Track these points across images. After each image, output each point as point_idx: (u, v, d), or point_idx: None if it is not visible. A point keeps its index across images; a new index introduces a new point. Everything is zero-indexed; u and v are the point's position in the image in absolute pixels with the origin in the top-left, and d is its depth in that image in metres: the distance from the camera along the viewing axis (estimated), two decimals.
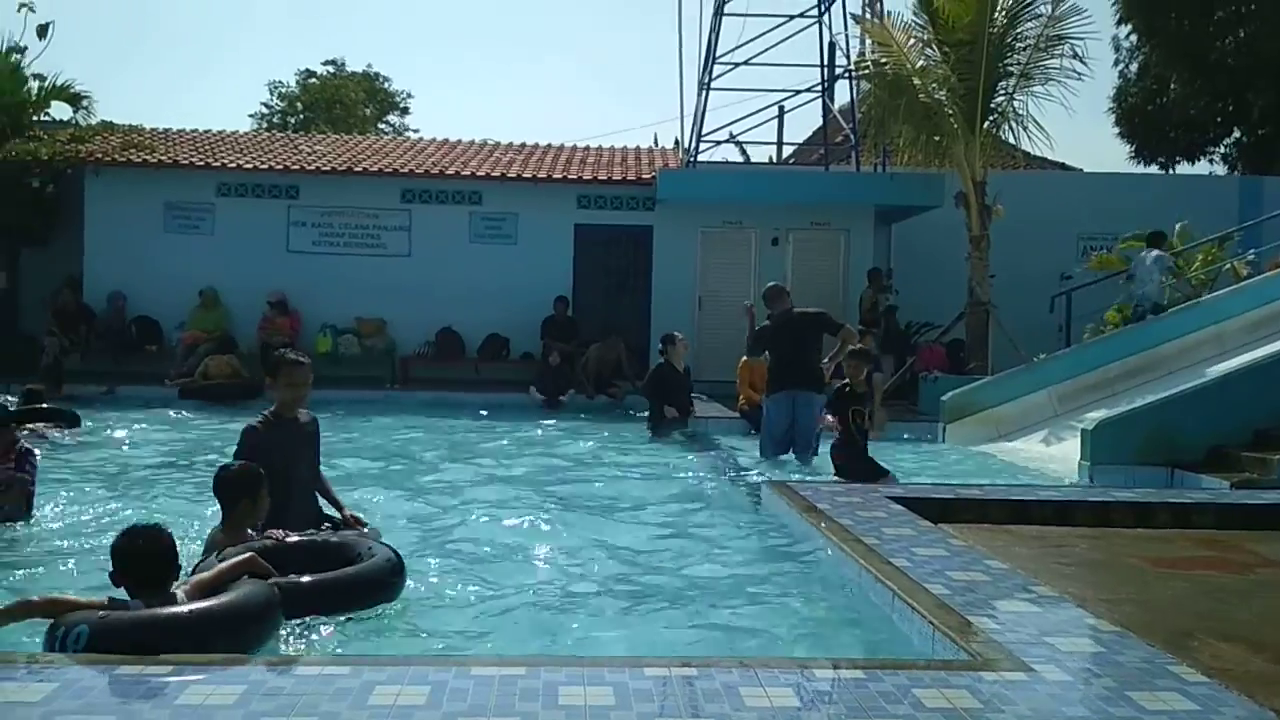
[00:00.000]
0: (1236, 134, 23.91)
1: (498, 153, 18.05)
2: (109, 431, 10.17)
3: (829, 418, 8.15)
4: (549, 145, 19.00)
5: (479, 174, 16.12)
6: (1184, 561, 5.66)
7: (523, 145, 18.88)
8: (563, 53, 67.07)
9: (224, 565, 4.07)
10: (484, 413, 12.41)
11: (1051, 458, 9.35)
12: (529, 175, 16.18)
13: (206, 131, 18.74)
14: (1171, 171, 23.79)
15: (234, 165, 15.93)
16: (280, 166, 16.02)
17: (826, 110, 17.48)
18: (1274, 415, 8.19)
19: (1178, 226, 13.62)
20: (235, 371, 13.52)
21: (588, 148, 19.19)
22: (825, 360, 9.09)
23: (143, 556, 3.76)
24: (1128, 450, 8.19)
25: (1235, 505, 6.71)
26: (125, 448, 9.53)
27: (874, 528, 5.58)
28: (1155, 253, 12.50)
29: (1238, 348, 10.53)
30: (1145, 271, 12.31)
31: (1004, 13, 13.58)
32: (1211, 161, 24.43)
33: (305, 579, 4.23)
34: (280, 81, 38.81)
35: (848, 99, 16.90)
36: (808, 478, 7.84)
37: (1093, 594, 4.68)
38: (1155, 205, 15.07)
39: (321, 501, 5.68)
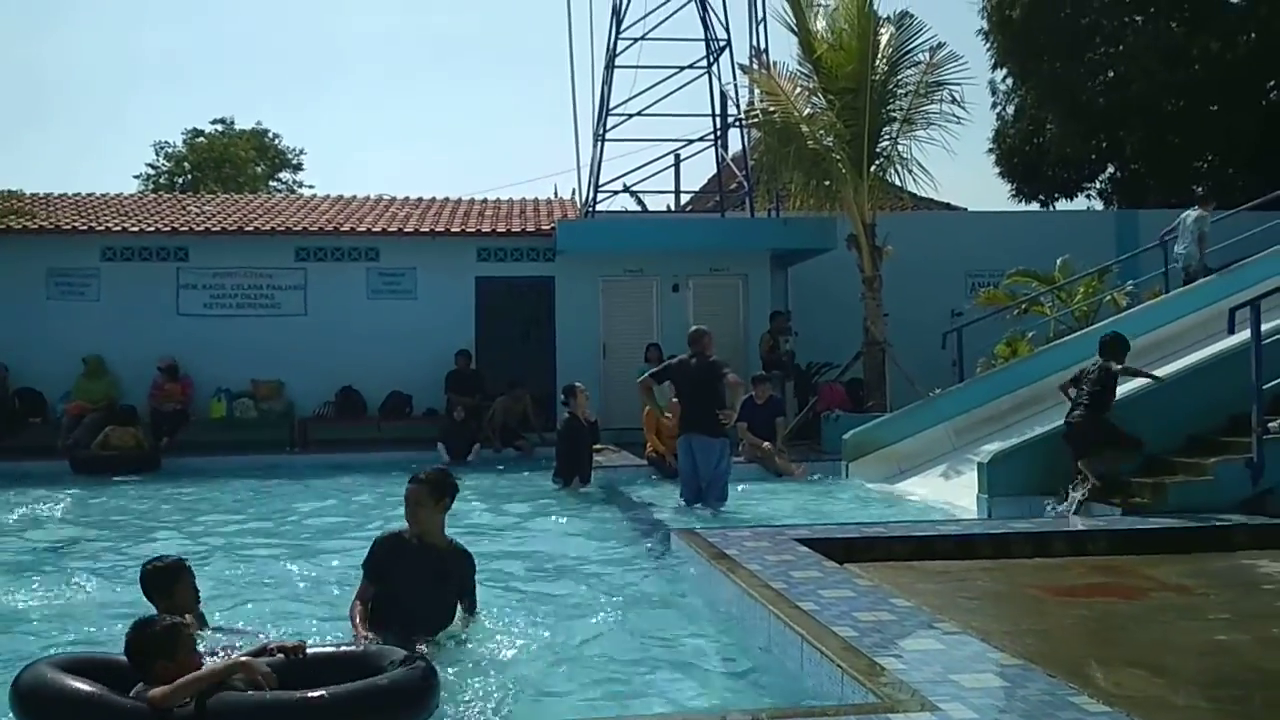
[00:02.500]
0: (1111, 170, 25.02)
1: (394, 207, 17.90)
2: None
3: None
4: (447, 199, 18.92)
5: (375, 230, 15.96)
6: (1082, 589, 5.82)
7: (420, 199, 18.76)
8: (459, 107, 67.13)
9: (213, 669, 3.76)
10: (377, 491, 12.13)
11: (952, 491, 9.54)
12: (427, 229, 16.07)
13: (90, 195, 18.19)
14: (1051, 208, 24.78)
15: (119, 229, 15.46)
16: (168, 228, 15.62)
17: (720, 158, 17.80)
18: (1160, 440, 8.49)
19: (1059, 261, 14.15)
20: (139, 443, 13.07)
21: (486, 200, 19.17)
22: (729, 408, 9.18)
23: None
24: (1023, 481, 8.40)
25: (1127, 530, 6.95)
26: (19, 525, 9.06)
27: (782, 571, 5.61)
28: (1196, 212, 13.12)
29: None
30: (1185, 231, 12.94)
31: (885, 61, 14.06)
32: (1088, 198, 25.56)
33: (314, 693, 3.66)
34: (166, 141, 37.98)
35: (740, 147, 17.23)
36: (715, 525, 7.83)
37: (995, 627, 4.77)
38: (1037, 241, 15.65)
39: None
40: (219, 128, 38.47)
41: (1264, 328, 8.14)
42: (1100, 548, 6.73)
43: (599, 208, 16.95)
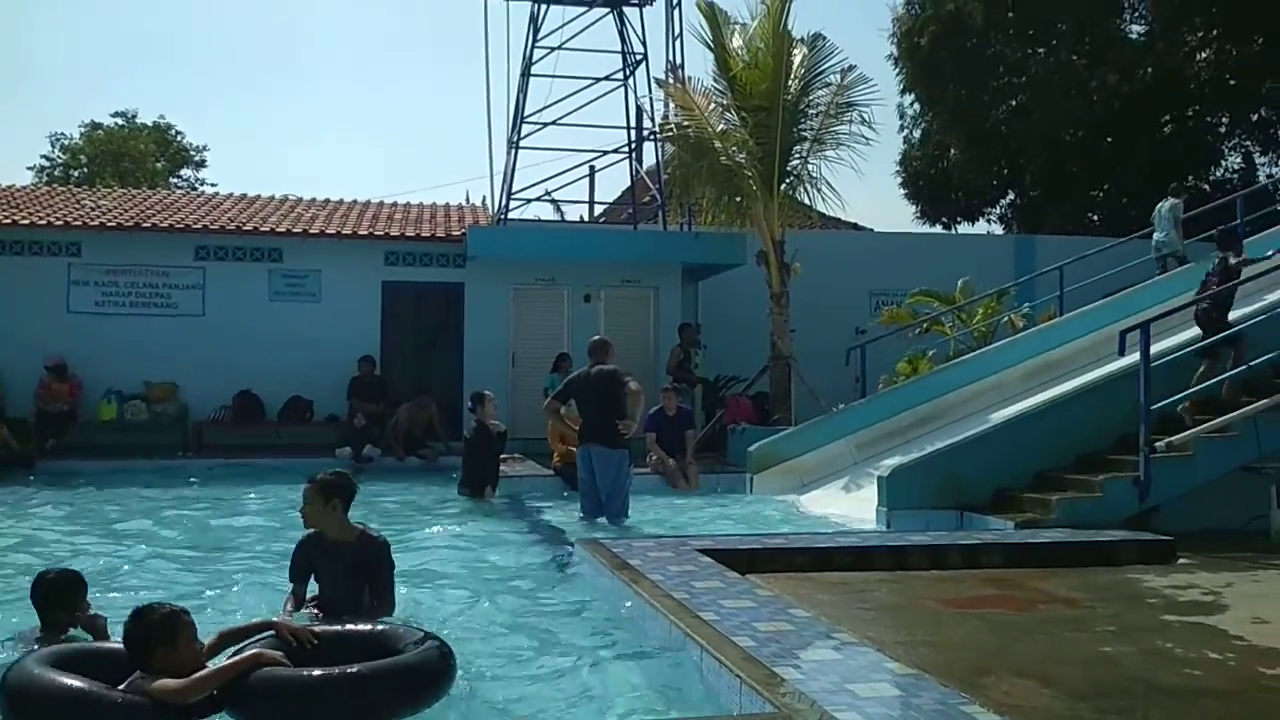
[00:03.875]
0: (1011, 196, 25.83)
1: (300, 208, 17.53)
2: None
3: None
4: (355, 201, 18.60)
5: (279, 230, 15.60)
6: (975, 600, 5.95)
7: (327, 201, 18.41)
8: (370, 109, 66.23)
9: (225, 664, 3.72)
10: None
11: (853, 504, 9.68)
12: (333, 231, 15.77)
13: None
14: (954, 231, 25.47)
15: (9, 221, 14.82)
16: (60, 222, 15.02)
17: (634, 171, 17.85)
18: (1052, 458, 8.74)
19: (960, 282, 14.53)
20: (4, 443, 12.47)
21: (395, 204, 18.90)
22: (630, 419, 9.11)
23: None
24: (921, 495, 8.56)
25: (1019, 544, 7.12)
26: None
27: (684, 582, 5.61)
28: (1170, 201, 13.79)
29: (1017, 395, 11.24)
30: (1162, 220, 13.60)
31: (797, 81, 14.26)
32: (989, 221, 26.35)
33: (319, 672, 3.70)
34: (62, 133, 36.64)
35: (655, 160, 17.33)
36: (619, 535, 7.80)
37: (891, 637, 4.83)
38: (940, 263, 16.06)
39: None
40: (119, 121, 37.27)
41: (1152, 350, 8.47)
42: (994, 560, 6.89)
43: (512, 215, 16.85)
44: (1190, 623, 5.30)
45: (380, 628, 4.27)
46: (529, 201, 17.48)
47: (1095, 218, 23.69)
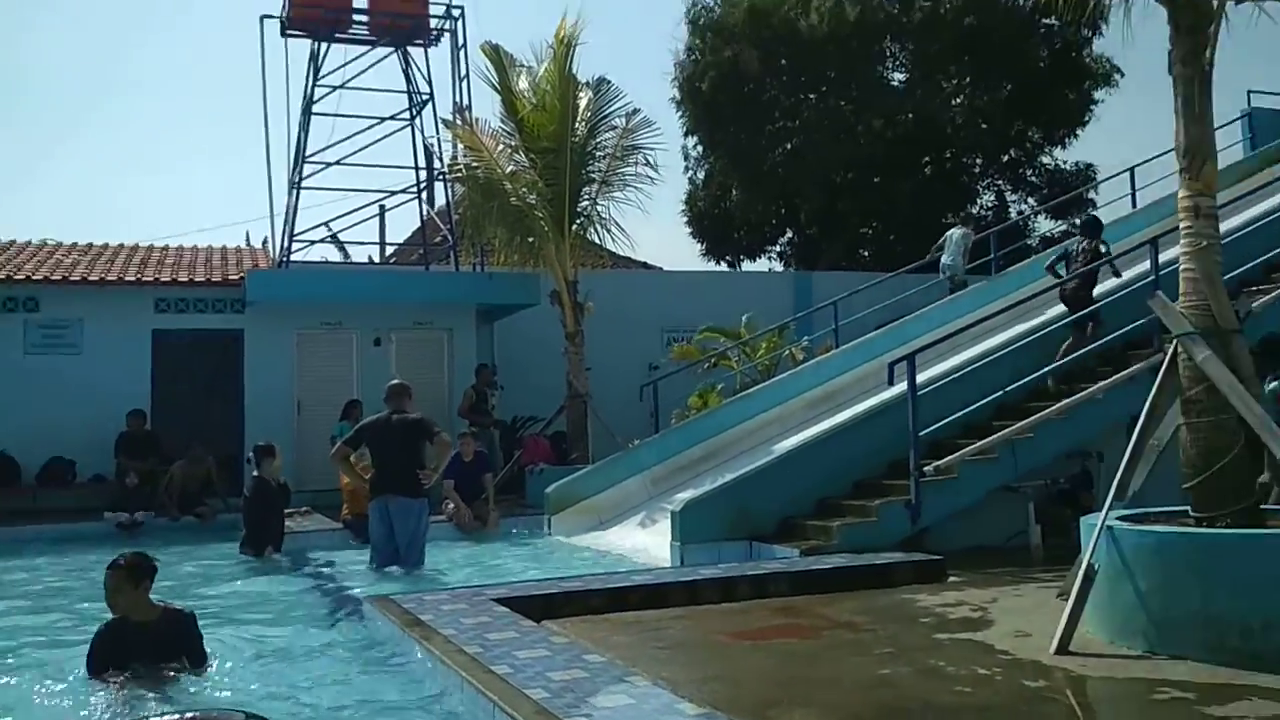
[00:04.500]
0: (790, 234, 27.05)
1: (59, 254, 16.34)
2: None
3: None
4: (121, 245, 17.49)
5: (36, 277, 14.47)
6: (764, 631, 6.11)
7: (90, 245, 17.23)
8: (139, 147, 62.57)
9: None
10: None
11: (650, 540, 9.78)
12: (96, 278, 14.76)
13: None
14: (738, 268, 26.41)
15: None
16: None
17: (424, 211, 17.62)
18: (833, 485, 9.15)
19: (744, 318, 15.07)
20: None
21: (167, 247, 17.89)
22: (430, 469, 8.93)
23: None
24: (712, 528, 8.75)
25: (804, 572, 7.39)
26: None
27: (478, 635, 5.51)
28: (961, 230, 15.08)
29: (800, 425, 11.69)
30: (952, 246, 14.73)
31: (584, 123, 14.49)
32: (770, 258, 27.46)
33: None
34: None
35: (445, 201, 17.15)
36: (411, 589, 7.59)
37: (684, 675, 4.90)
38: (726, 299, 16.61)
39: None
40: None
41: (919, 379, 9.02)
42: (781, 589, 7.11)
43: (295, 257, 16.27)
44: (960, 639, 5.62)
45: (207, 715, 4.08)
46: (313, 243, 16.93)
47: (866, 253, 25.10)
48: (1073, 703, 4.55)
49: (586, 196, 14.66)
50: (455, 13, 16.72)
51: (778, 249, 27.23)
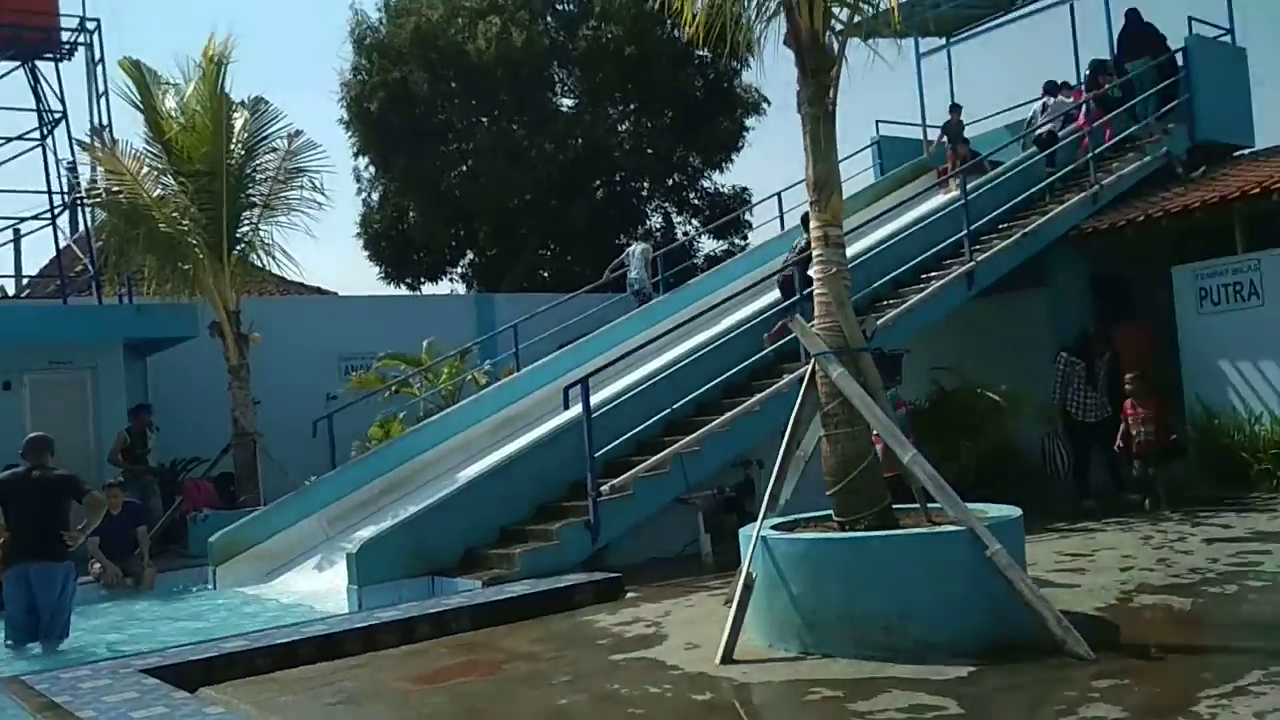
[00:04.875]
0: (470, 256, 26.92)
1: None
2: None
3: None
4: None
5: None
6: (443, 673, 5.96)
7: None
8: None
9: None
10: None
11: (326, 584, 9.34)
12: None
13: None
14: (419, 292, 25.97)
15: None
16: None
17: (60, 239, 15.97)
18: (514, 512, 9.12)
19: (425, 343, 14.78)
20: None
21: None
22: (78, 529, 8.04)
23: None
24: (392, 566, 8.47)
25: (485, 604, 7.30)
26: None
27: (122, 715, 4.99)
28: (640, 246, 15.82)
29: (484, 450, 11.59)
30: (634, 261, 15.32)
31: (240, 145, 13.69)
32: (452, 280, 27.20)
33: None
34: None
35: (84, 228, 15.64)
36: (47, 666, 6.77)
37: None
38: (407, 324, 16.17)
39: None
40: None
41: (597, 399, 9.22)
42: (463, 624, 6.99)
43: None
44: (635, 659, 5.75)
45: None
46: None
47: (546, 274, 25.47)
48: (735, 712, 4.77)
49: (247, 221, 13.85)
50: (90, 25, 15.33)
51: (459, 271, 27.03)
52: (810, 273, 6.17)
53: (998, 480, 11.01)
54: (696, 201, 26.38)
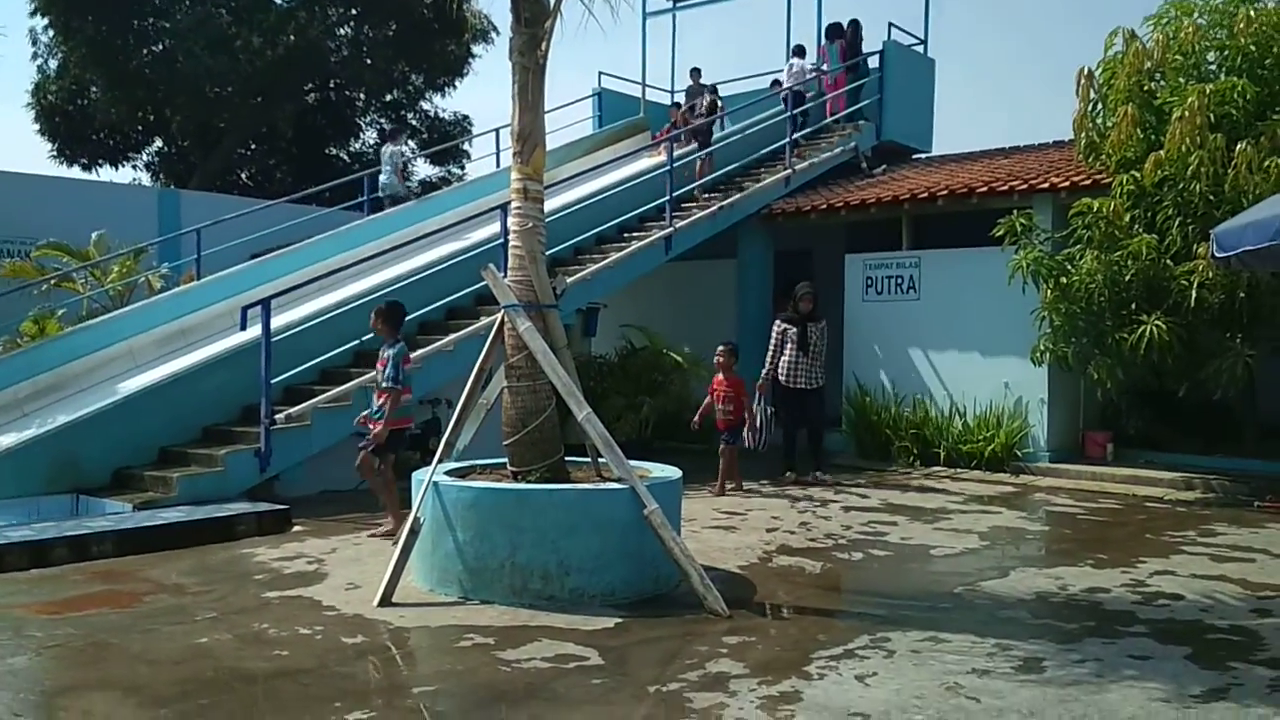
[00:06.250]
0: (159, 144, 24.72)
1: None
2: None
3: None
4: None
5: None
6: (76, 601, 5.58)
7: None
8: None
9: None
10: None
11: None
12: None
13: None
14: (94, 175, 23.60)
15: None
16: None
17: None
18: (177, 432, 8.61)
19: (95, 236, 13.47)
20: None
21: None
22: None
23: None
24: (32, 480, 7.79)
25: (134, 530, 6.86)
26: None
27: None
28: (390, 148, 14.76)
29: (149, 363, 10.77)
30: (385, 162, 14.53)
31: None
32: (136, 168, 24.90)
33: None
34: None
35: None
36: None
37: None
38: (76, 210, 14.66)
39: None
40: None
41: (278, 323, 8.81)
42: (106, 550, 6.56)
43: None
44: (290, 597, 5.62)
45: None
46: None
47: (244, 175, 23.90)
48: (383, 657, 4.76)
49: None
50: None
51: (145, 159, 24.79)
52: (508, 224, 6.19)
53: (678, 435, 11.64)
54: (415, 122, 25.60)
